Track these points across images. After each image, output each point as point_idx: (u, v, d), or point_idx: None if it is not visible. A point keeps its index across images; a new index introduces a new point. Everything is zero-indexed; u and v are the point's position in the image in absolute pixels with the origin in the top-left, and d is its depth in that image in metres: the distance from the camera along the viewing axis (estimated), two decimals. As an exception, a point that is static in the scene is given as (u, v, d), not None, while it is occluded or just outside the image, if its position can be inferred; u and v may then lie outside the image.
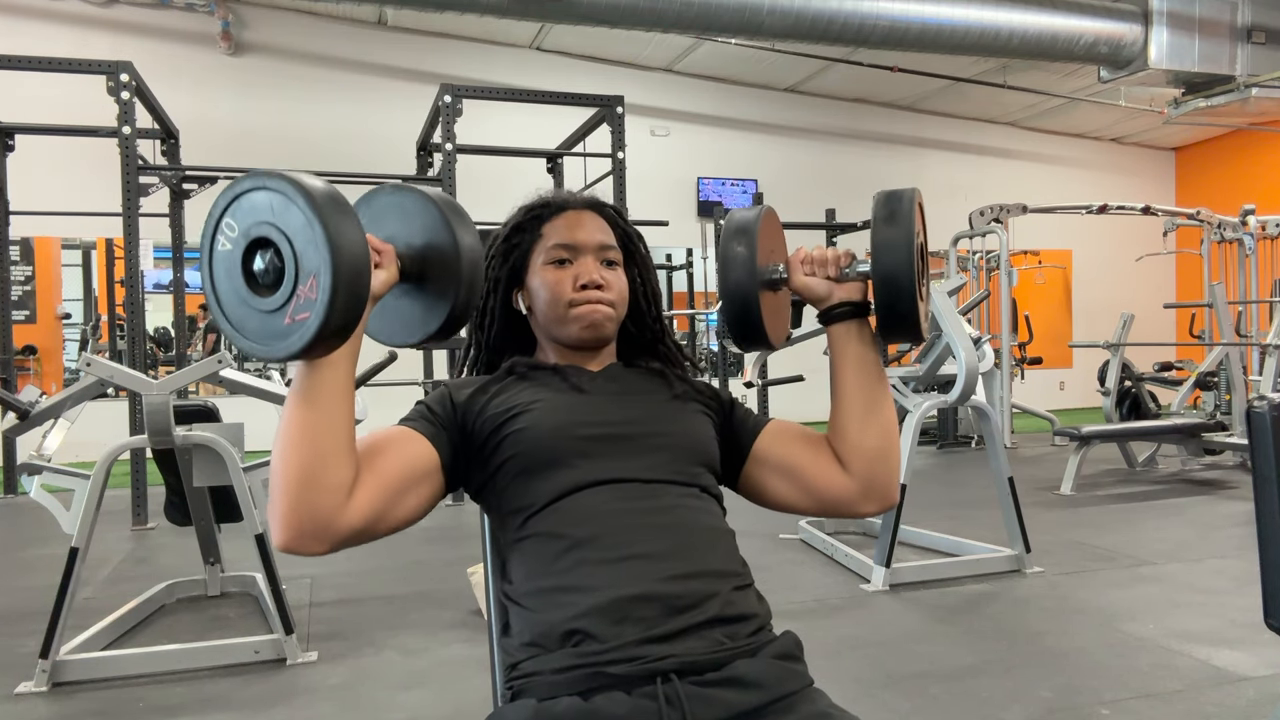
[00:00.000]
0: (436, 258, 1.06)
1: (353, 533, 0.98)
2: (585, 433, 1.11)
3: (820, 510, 1.21)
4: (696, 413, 1.20)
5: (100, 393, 2.97)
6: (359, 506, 0.98)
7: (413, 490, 1.05)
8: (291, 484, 0.94)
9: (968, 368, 3.52)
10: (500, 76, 8.31)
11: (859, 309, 1.15)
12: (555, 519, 1.06)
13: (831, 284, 1.15)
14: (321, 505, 0.95)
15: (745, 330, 1.14)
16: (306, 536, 0.95)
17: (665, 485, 1.10)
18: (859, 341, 1.16)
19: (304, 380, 0.96)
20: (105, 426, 4.84)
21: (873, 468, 1.17)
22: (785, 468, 1.20)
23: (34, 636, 2.68)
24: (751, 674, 0.99)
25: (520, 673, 1.02)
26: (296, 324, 0.90)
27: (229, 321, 0.95)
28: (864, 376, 1.17)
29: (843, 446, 1.18)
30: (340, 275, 0.88)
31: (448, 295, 1.06)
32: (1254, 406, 1.27)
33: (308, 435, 0.95)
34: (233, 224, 0.94)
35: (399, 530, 1.04)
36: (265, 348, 0.93)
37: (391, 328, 1.12)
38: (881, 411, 1.17)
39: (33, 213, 5.85)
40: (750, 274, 1.11)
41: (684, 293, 9.85)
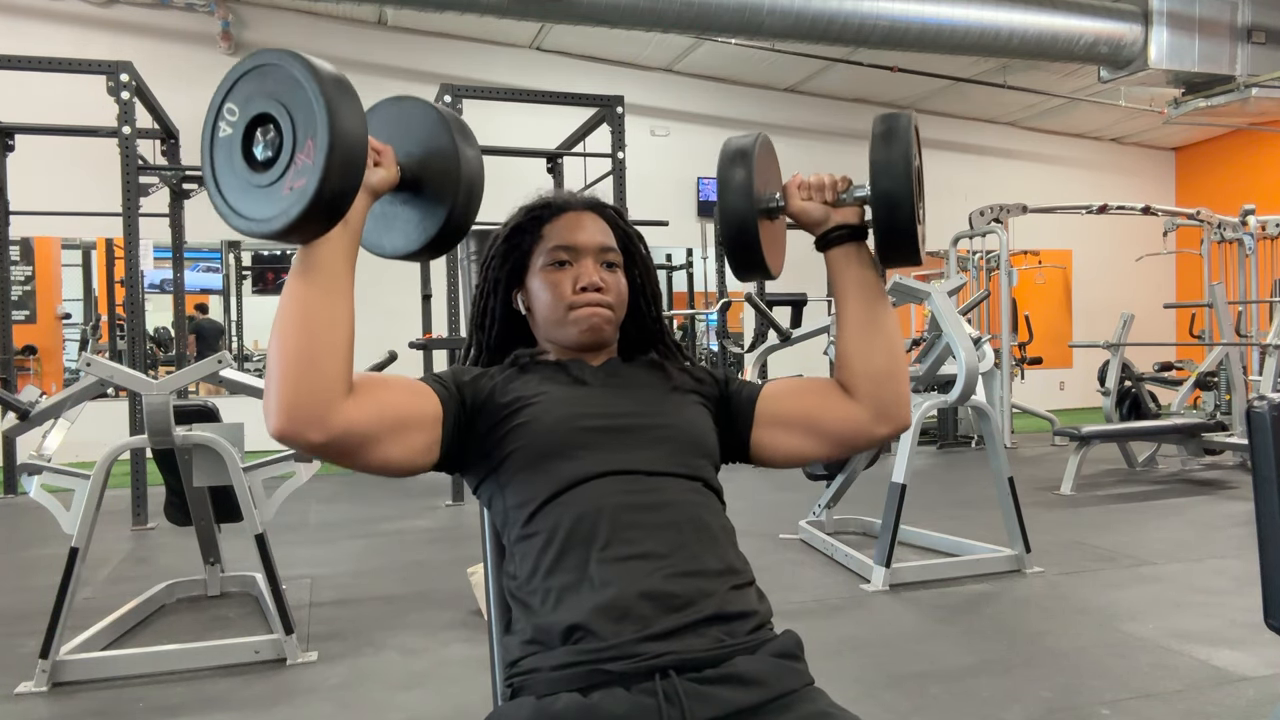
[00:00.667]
0: (436, 165, 1.08)
1: (346, 432, 0.98)
2: (587, 424, 1.11)
3: (837, 448, 1.21)
4: (695, 404, 1.20)
5: (100, 393, 2.97)
6: (356, 410, 0.99)
7: (409, 432, 1.06)
8: (289, 363, 0.95)
9: (968, 368, 3.52)
10: (500, 76, 8.30)
11: (856, 231, 1.17)
12: (558, 513, 1.06)
13: (828, 208, 1.17)
14: (317, 389, 0.95)
15: (744, 257, 1.14)
16: (300, 421, 0.95)
17: (667, 478, 1.10)
18: (858, 264, 1.17)
19: (302, 259, 0.97)
20: (105, 426, 4.84)
21: (881, 389, 1.17)
22: (791, 420, 1.21)
23: (34, 636, 2.68)
24: (751, 671, 0.99)
25: (520, 670, 1.03)
26: (295, 191, 0.91)
27: (229, 206, 0.96)
28: (865, 297, 1.17)
29: (850, 371, 1.18)
30: (337, 136, 0.90)
31: (445, 202, 1.08)
32: (1254, 406, 1.27)
33: (305, 312, 0.96)
34: (233, 108, 0.96)
35: (382, 470, 1.05)
36: (265, 223, 0.94)
37: (391, 236, 1.14)
38: (885, 330, 1.18)
39: (33, 213, 5.85)
40: (749, 199, 1.11)
41: (684, 293, 9.85)
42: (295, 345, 0.95)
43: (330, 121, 0.90)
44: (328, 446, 0.98)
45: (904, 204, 1.07)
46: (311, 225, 0.94)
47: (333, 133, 0.90)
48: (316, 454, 0.99)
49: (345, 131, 0.91)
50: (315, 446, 0.97)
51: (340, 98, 0.92)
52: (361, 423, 1.00)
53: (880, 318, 1.17)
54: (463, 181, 1.07)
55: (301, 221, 0.92)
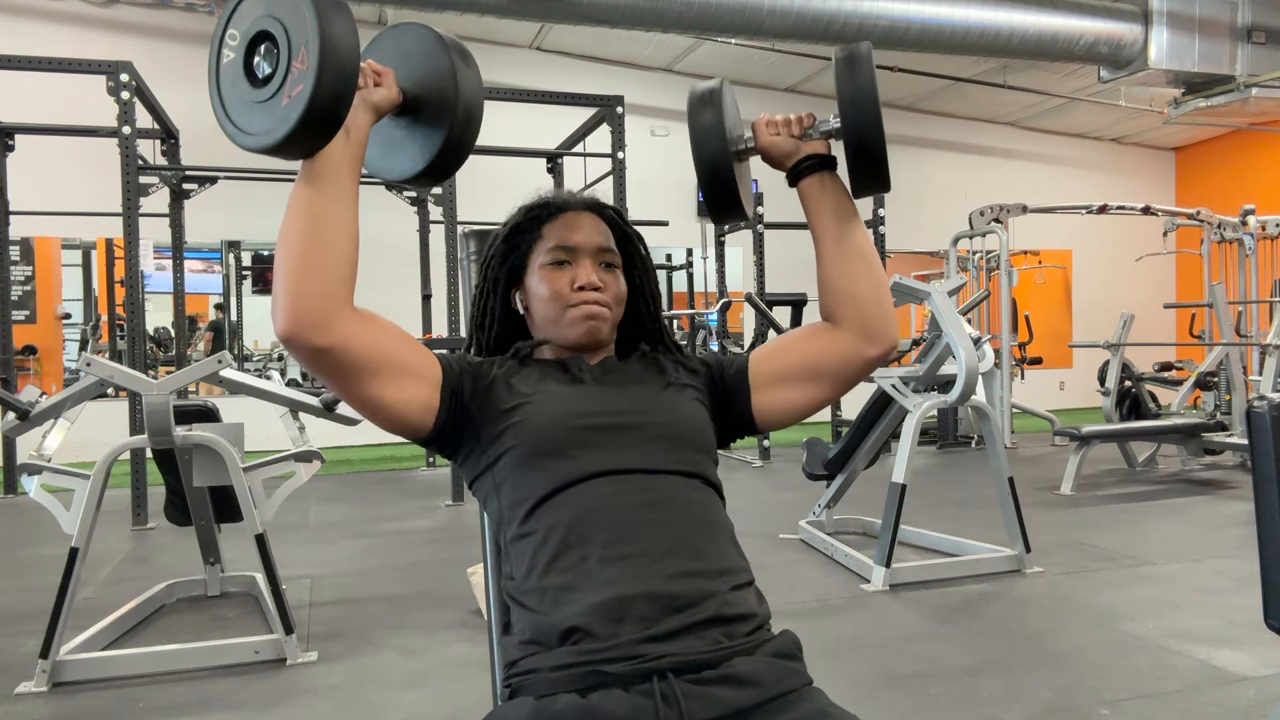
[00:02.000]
0: (435, 87, 1.11)
1: (347, 344, 1.02)
2: (584, 423, 1.11)
3: (837, 384, 1.23)
4: (691, 399, 1.20)
5: (100, 393, 2.97)
6: (360, 328, 1.04)
7: (408, 379, 1.09)
8: (294, 264, 0.99)
9: (968, 368, 3.52)
10: (500, 76, 8.29)
11: (826, 161, 1.20)
12: (555, 513, 1.06)
13: (796, 142, 1.20)
14: (320, 291, 0.99)
15: (723, 200, 1.17)
16: (305, 323, 0.98)
17: (665, 476, 1.10)
18: (831, 190, 1.20)
19: (307, 166, 1.02)
20: (105, 426, 4.83)
21: (866, 310, 1.19)
22: (786, 374, 1.23)
23: (34, 636, 2.68)
24: (749, 672, 0.99)
25: (518, 670, 1.03)
26: (293, 99, 0.96)
27: (235, 125, 1.01)
28: (841, 222, 1.20)
29: (834, 297, 1.21)
30: (327, 41, 0.95)
31: (444, 123, 1.11)
32: (1254, 406, 1.27)
33: (309, 216, 1.00)
34: (234, 33, 1.03)
35: (377, 407, 1.07)
36: (267, 135, 0.98)
37: (395, 158, 1.17)
38: (863, 251, 1.20)
39: (33, 213, 5.85)
40: (723, 142, 1.15)
41: (684, 293, 9.85)
42: (299, 247, 0.99)
43: (320, 28, 0.95)
44: (328, 354, 1.01)
45: (873, 129, 1.10)
46: (311, 131, 0.98)
47: (323, 38, 0.95)
48: (317, 362, 1.01)
49: (336, 36, 0.95)
50: (317, 351, 1.00)
51: (330, 6, 0.97)
52: (364, 343, 1.04)
53: (858, 239, 1.20)
54: (461, 102, 1.10)
55: (301, 127, 0.96)
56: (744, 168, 1.23)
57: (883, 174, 1.13)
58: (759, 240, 7.16)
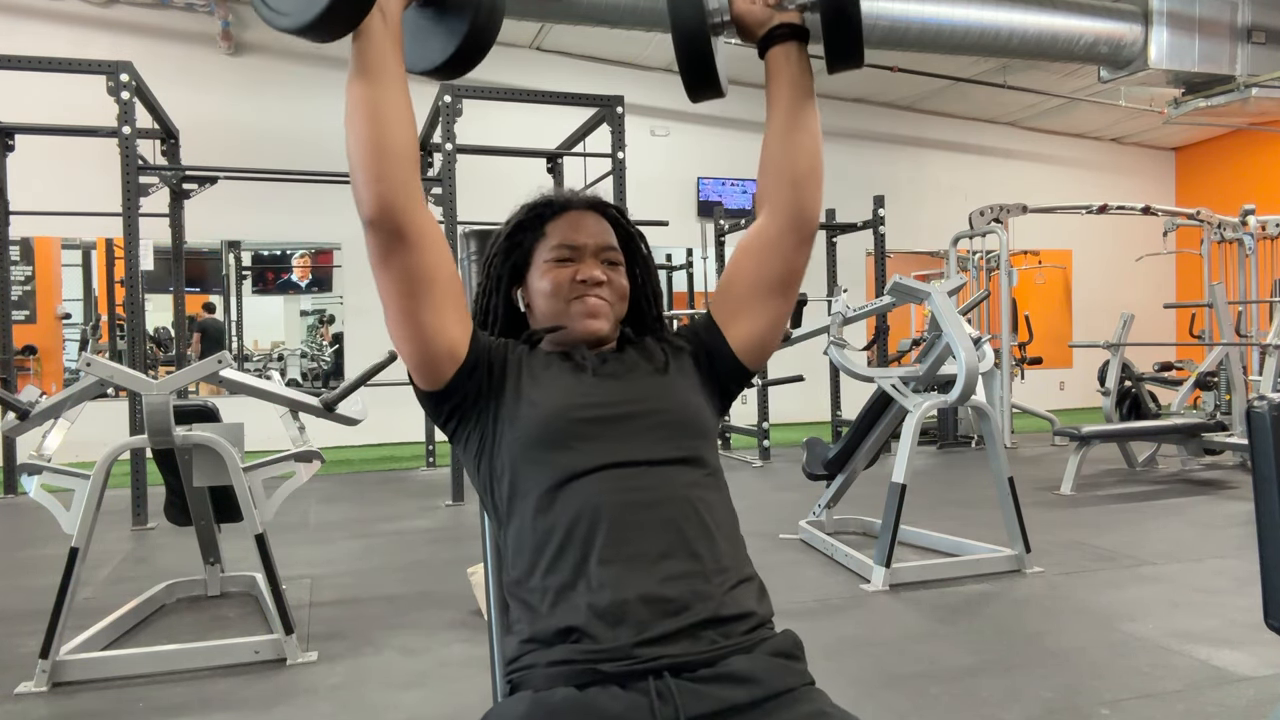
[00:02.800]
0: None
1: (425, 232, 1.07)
2: (585, 415, 1.11)
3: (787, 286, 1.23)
4: (686, 382, 1.20)
5: (100, 393, 2.97)
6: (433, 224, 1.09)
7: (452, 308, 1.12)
8: (367, 153, 1.02)
9: (968, 368, 3.52)
10: (500, 76, 8.27)
11: (798, 31, 1.20)
12: (558, 510, 1.06)
13: (770, 10, 1.20)
14: (399, 173, 1.03)
15: (700, 73, 1.18)
16: (391, 204, 1.03)
17: (666, 466, 1.10)
18: (796, 64, 1.21)
19: (354, 56, 1.04)
20: (105, 426, 4.83)
21: (800, 191, 1.21)
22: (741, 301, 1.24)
23: (34, 636, 2.68)
24: (745, 670, 0.99)
25: (518, 666, 1.03)
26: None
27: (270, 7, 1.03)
28: (796, 98, 1.21)
29: (772, 172, 1.22)
30: None
31: (467, 14, 1.13)
32: (1254, 406, 1.27)
33: (370, 102, 1.03)
34: None
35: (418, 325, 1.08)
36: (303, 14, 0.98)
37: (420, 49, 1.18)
38: (811, 130, 1.22)
39: (33, 213, 5.85)
40: (700, 13, 1.14)
41: (684, 293, 9.84)
42: (368, 137, 1.02)
43: None
44: (407, 243, 1.05)
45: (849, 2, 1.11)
46: (345, 9, 0.98)
47: None
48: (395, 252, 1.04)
49: None
50: (401, 232, 1.04)
51: None
52: (434, 244, 1.08)
53: (807, 118, 1.21)
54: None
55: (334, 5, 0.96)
56: (719, 43, 1.23)
57: (857, 45, 1.14)
58: (759, 240, 7.14)
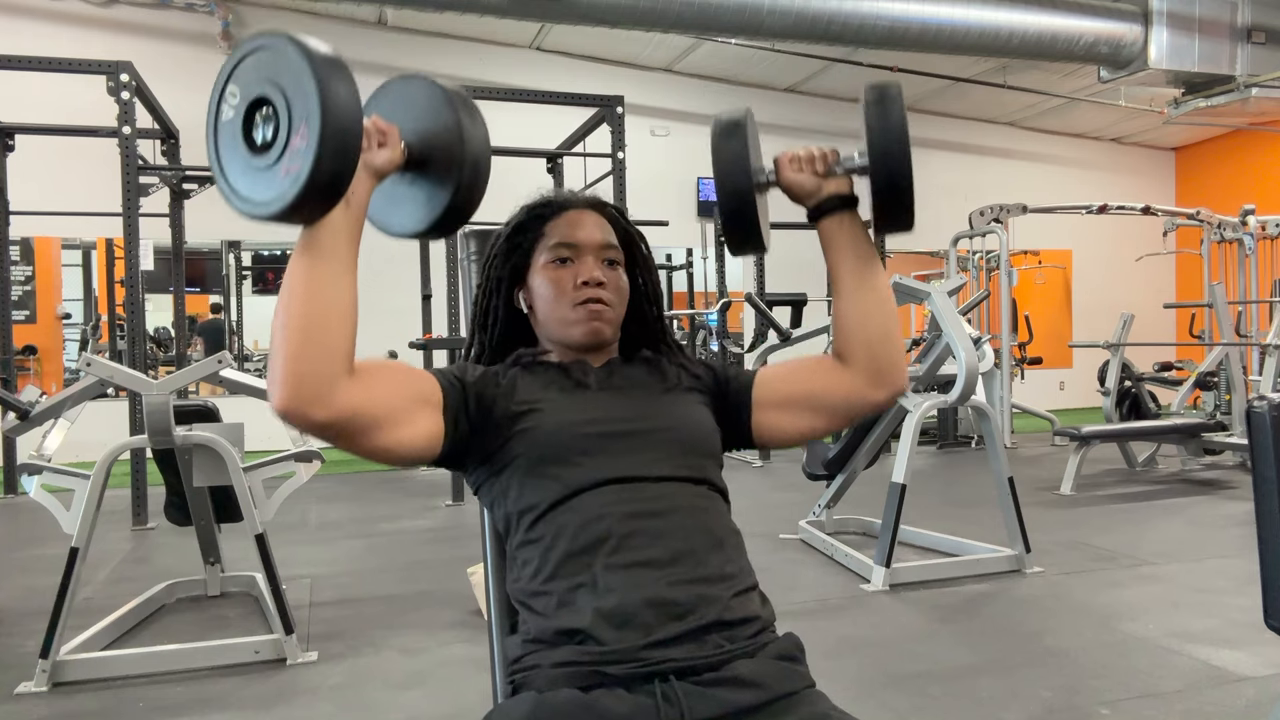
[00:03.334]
0: (441, 144, 1.07)
1: (348, 412, 0.99)
2: (590, 430, 1.11)
3: (838, 419, 1.23)
4: (696, 403, 1.20)
5: (100, 393, 2.97)
6: (359, 391, 1.00)
7: (413, 420, 1.06)
8: (292, 340, 0.95)
9: (968, 368, 3.52)
10: (500, 76, 8.30)
11: (848, 200, 1.18)
12: (562, 521, 1.06)
13: (819, 179, 1.17)
14: (321, 366, 0.96)
15: (743, 232, 1.15)
16: (304, 398, 0.95)
17: (671, 482, 1.10)
18: (851, 229, 1.18)
19: (305, 238, 0.98)
20: (105, 426, 4.83)
21: (876, 351, 1.18)
22: (790, 400, 1.22)
23: (34, 636, 2.68)
24: (750, 673, 0.99)
25: (521, 666, 1.03)
26: (290, 174, 0.92)
27: (231, 188, 0.97)
28: (859, 262, 1.18)
29: (847, 336, 1.20)
30: (330, 118, 0.90)
31: (450, 181, 1.08)
32: (1254, 406, 1.27)
33: (307, 290, 0.96)
34: (235, 90, 0.97)
35: (384, 454, 1.05)
36: (264, 206, 0.94)
37: (399, 216, 1.14)
38: (880, 293, 1.19)
39: (33, 213, 5.85)
40: (747, 173, 1.12)
41: (684, 293, 9.85)
42: (298, 323, 0.95)
43: (323, 105, 0.90)
44: (330, 426, 0.98)
45: (903, 171, 1.07)
46: (308, 208, 0.94)
47: (325, 116, 0.90)
48: (319, 433, 0.99)
49: (338, 115, 0.91)
50: (318, 425, 0.97)
51: (333, 80, 0.91)
52: (364, 405, 1.00)
53: (874, 280, 1.19)
54: (468, 160, 1.07)
55: (297, 204, 0.92)
56: (764, 200, 1.21)
57: (908, 214, 1.10)
58: (759, 240, 7.15)
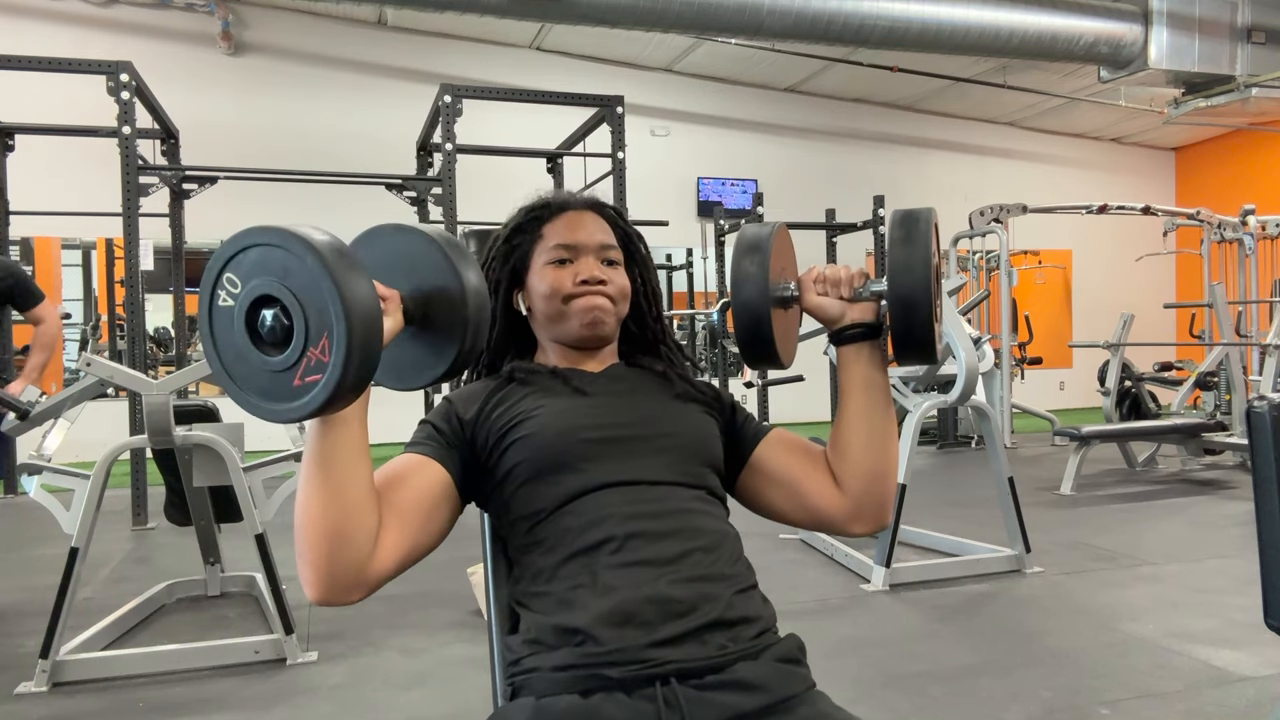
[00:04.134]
0: (441, 300, 1.03)
1: (385, 576, 0.99)
2: (590, 435, 1.10)
3: (811, 524, 1.21)
4: (700, 413, 1.20)
5: (100, 393, 2.97)
6: (388, 551, 0.98)
7: (433, 518, 1.05)
8: (320, 543, 0.93)
9: (968, 368, 3.52)
10: (500, 76, 8.30)
11: (872, 330, 1.15)
12: (563, 524, 1.06)
13: (845, 304, 1.14)
14: (352, 559, 0.95)
15: (756, 349, 1.13)
16: (340, 589, 0.95)
17: (671, 487, 1.10)
18: (869, 364, 1.15)
19: (319, 443, 0.94)
20: (105, 426, 4.84)
21: (869, 488, 1.16)
22: (782, 479, 1.20)
23: (34, 636, 2.68)
24: (752, 676, 0.99)
25: (521, 669, 1.03)
26: (307, 385, 0.87)
27: (230, 378, 0.91)
28: (871, 401, 1.16)
29: (842, 465, 1.17)
30: (355, 337, 0.85)
31: (454, 338, 1.04)
32: (1254, 406, 1.27)
33: (331, 499, 0.93)
34: (234, 279, 0.90)
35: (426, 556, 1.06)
36: (274, 407, 0.90)
37: (398, 372, 1.09)
38: (884, 432, 1.16)
39: (33, 213, 5.84)
40: (762, 292, 1.10)
41: (684, 293, 9.85)
42: (324, 526, 0.93)
43: (349, 326, 0.85)
44: (374, 590, 0.99)
45: (922, 308, 1.06)
46: (331, 410, 0.90)
47: (351, 333, 0.85)
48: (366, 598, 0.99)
49: (363, 329, 0.86)
50: (360, 599, 0.98)
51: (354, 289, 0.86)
52: (396, 556, 1.00)
53: (882, 419, 1.16)
54: (470, 316, 1.03)
55: (320, 411, 0.88)
56: (787, 315, 1.18)
57: (928, 350, 1.08)
58: (759, 240, 7.15)
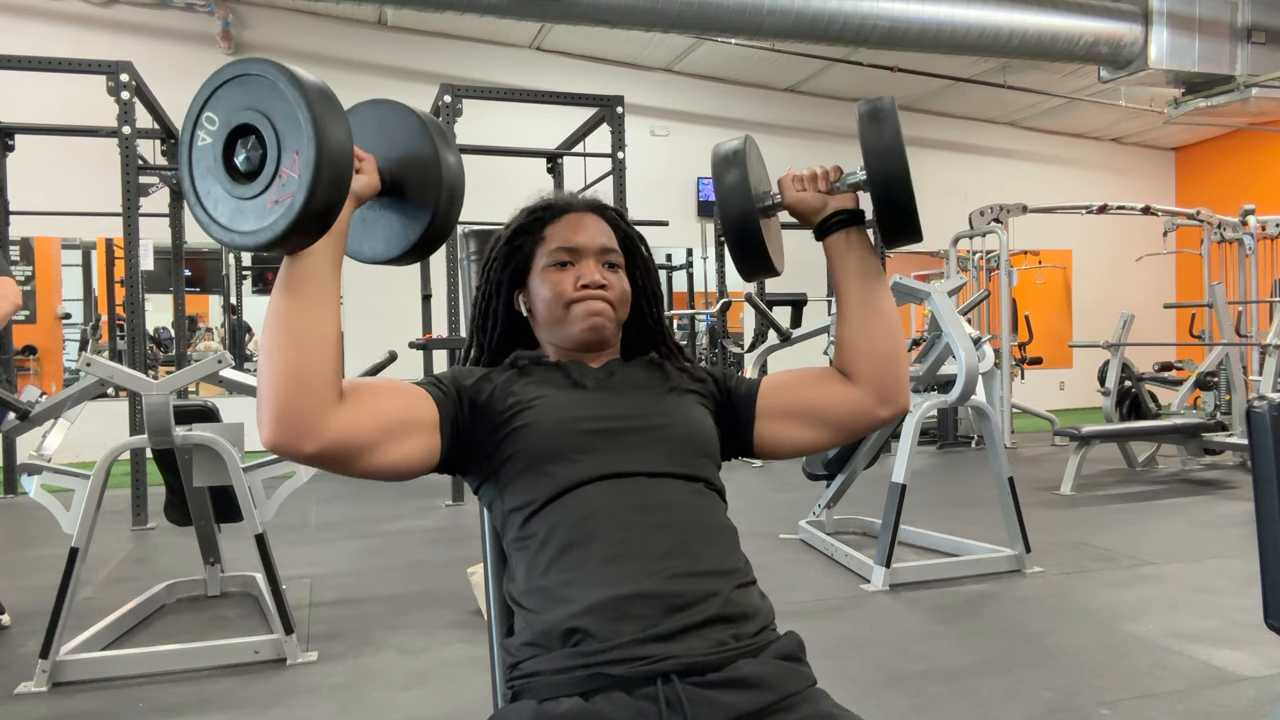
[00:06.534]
0: (417, 170, 1.07)
1: (339, 441, 0.98)
2: (587, 427, 1.11)
3: (840, 434, 1.22)
4: (695, 404, 1.20)
5: (100, 393, 2.97)
6: (349, 419, 0.99)
7: (406, 437, 1.06)
8: (279, 377, 0.95)
9: (968, 368, 3.52)
10: (500, 76, 8.30)
11: (854, 216, 1.19)
12: (558, 515, 1.06)
13: (824, 196, 1.19)
14: (309, 401, 0.96)
15: (750, 257, 1.16)
16: (293, 432, 0.95)
17: (667, 479, 1.10)
18: (858, 247, 1.19)
19: (287, 271, 0.97)
20: (105, 426, 4.84)
21: (882, 371, 1.19)
22: (793, 411, 1.22)
23: (34, 636, 2.68)
24: (754, 674, 0.99)
25: (521, 673, 1.03)
26: (279, 204, 0.91)
27: (208, 215, 0.95)
28: (865, 280, 1.19)
29: (851, 355, 1.20)
30: (324, 148, 0.89)
31: (427, 207, 1.08)
32: (1254, 406, 1.27)
33: (292, 326, 0.96)
34: (212, 116, 0.95)
35: (380, 475, 1.05)
36: (247, 235, 0.93)
37: (372, 242, 1.13)
38: (885, 312, 1.19)
39: (33, 213, 5.84)
40: (748, 199, 1.13)
41: (684, 293, 9.85)
42: (284, 360, 0.95)
43: (317, 136, 0.89)
44: (321, 456, 0.98)
45: (902, 184, 1.08)
46: (298, 238, 0.93)
47: (319, 147, 0.89)
48: (310, 463, 0.99)
49: (332, 146, 0.90)
50: (308, 456, 0.97)
51: (326, 111, 0.91)
52: (353, 431, 1.00)
53: (880, 300, 1.19)
54: (444, 188, 1.07)
55: (287, 235, 0.91)
56: (773, 224, 1.22)
57: (912, 226, 1.11)
58: (759, 240, 7.15)
